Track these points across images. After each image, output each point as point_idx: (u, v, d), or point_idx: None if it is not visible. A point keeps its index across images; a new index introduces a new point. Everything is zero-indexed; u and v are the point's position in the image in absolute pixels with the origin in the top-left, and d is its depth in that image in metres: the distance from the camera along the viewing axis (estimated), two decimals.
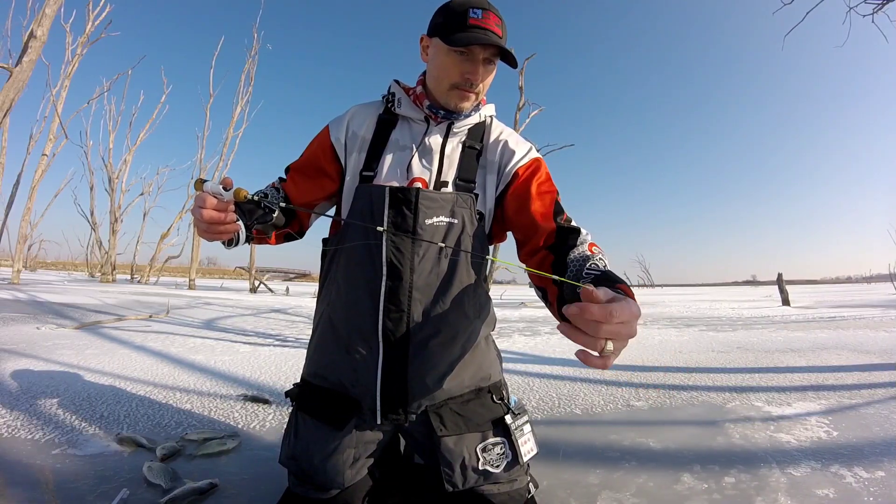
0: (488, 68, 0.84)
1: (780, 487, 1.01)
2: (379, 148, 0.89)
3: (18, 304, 4.66)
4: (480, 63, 0.82)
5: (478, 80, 0.83)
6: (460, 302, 0.82)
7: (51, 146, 9.44)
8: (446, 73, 0.83)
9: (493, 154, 0.91)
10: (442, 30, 0.82)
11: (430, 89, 0.88)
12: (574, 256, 0.74)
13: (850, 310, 5.93)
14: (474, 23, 0.79)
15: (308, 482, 0.82)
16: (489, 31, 0.79)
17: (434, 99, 0.88)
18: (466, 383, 0.85)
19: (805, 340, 3.20)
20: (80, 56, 9.70)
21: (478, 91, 0.86)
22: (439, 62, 0.84)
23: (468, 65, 0.82)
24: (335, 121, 0.93)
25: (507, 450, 0.82)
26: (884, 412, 1.54)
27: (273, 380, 1.93)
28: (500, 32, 0.81)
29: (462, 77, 0.83)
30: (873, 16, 2.98)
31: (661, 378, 2.09)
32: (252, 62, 12.76)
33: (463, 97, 0.85)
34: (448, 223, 0.82)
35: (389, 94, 0.93)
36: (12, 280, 8.47)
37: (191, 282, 11.16)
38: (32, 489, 0.95)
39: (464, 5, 0.80)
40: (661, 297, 12.61)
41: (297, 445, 0.84)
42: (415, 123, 0.90)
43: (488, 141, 0.92)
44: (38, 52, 3.74)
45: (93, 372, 1.94)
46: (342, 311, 0.84)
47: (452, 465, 0.79)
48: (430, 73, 0.88)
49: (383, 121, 0.91)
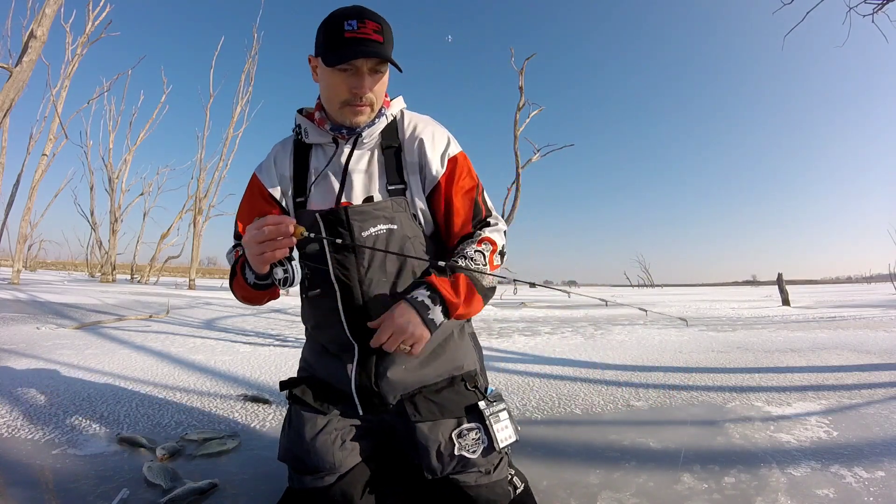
0: (376, 77, 0.83)
1: (780, 487, 1.01)
2: (303, 179, 0.92)
3: (18, 304, 4.66)
4: (366, 75, 0.81)
5: (366, 92, 0.82)
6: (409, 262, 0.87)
7: (51, 146, 9.43)
8: (335, 92, 0.83)
9: (412, 154, 0.91)
10: (322, 49, 0.81)
11: (327, 110, 0.88)
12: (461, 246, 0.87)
13: (850, 310, 5.93)
14: (350, 35, 0.78)
15: (303, 469, 0.84)
16: (367, 39, 0.78)
17: (333, 119, 0.88)
18: (439, 372, 0.89)
19: (805, 340, 3.20)
20: (80, 56, 9.69)
21: (371, 102, 0.85)
22: (326, 82, 0.84)
23: (353, 79, 0.81)
24: (263, 170, 0.95)
25: (483, 436, 0.83)
26: (884, 412, 1.54)
27: (273, 380, 1.93)
28: (381, 38, 0.80)
29: (350, 93, 0.82)
30: (873, 16, 2.98)
31: (661, 378, 2.09)
32: (252, 62, 12.71)
33: (356, 112, 0.84)
34: (388, 229, 0.85)
35: (297, 126, 0.93)
36: (12, 280, 8.47)
37: (191, 282, 11.15)
38: (32, 489, 0.96)
39: (339, 18, 0.79)
40: (662, 297, 12.61)
41: (290, 433, 0.88)
42: (326, 147, 0.92)
43: (404, 137, 0.92)
44: (38, 52, 3.74)
45: (93, 372, 1.94)
46: (315, 328, 0.93)
47: (429, 450, 0.80)
48: (322, 94, 0.88)
49: (299, 153, 0.93)
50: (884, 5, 2.93)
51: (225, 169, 12.48)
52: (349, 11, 0.80)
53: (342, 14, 0.80)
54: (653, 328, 4.15)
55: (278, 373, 2.06)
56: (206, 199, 12.07)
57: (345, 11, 0.80)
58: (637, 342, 3.23)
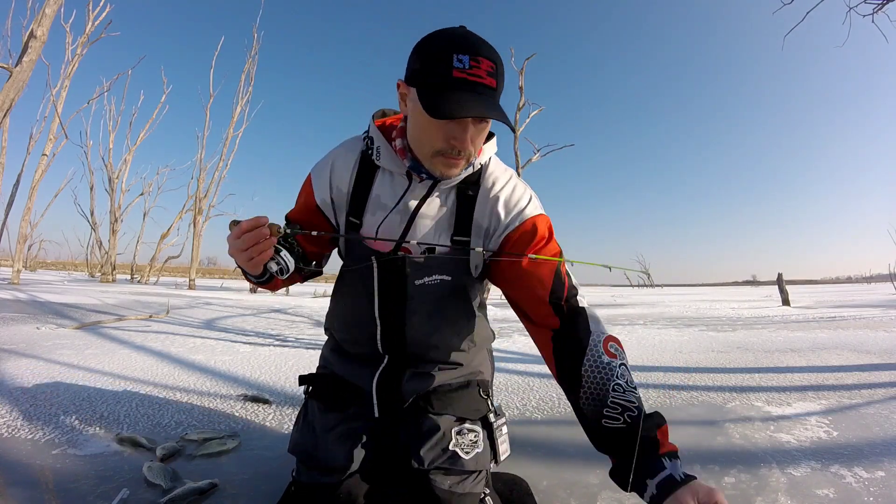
0: (480, 127, 0.71)
1: (780, 487, 1.01)
2: (361, 201, 0.83)
3: (18, 304, 4.66)
4: (470, 125, 0.68)
5: (467, 147, 0.70)
6: (456, 328, 0.88)
7: (51, 146, 9.42)
8: (428, 138, 0.71)
9: (482, 215, 0.81)
10: (421, 82, 0.68)
11: (411, 145, 0.77)
12: (589, 369, 0.66)
13: (850, 310, 5.93)
14: (460, 76, 0.64)
15: (312, 463, 0.84)
16: (479, 83, 0.64)
17: (416, 158, 0.76)
18: (457, 376, 0.90)
19: (805, 340, 3.20)
20: (80, 56, 9.68)
21: (468, 156, 0.73)
22: (419, 123, 0.71)
23: (454, 129, 0.68)
24: (318, 173, 0.86)
25: (480, 441, 0.84)
26: (884, 412, 1.54)
27: (273, 380, 1.93)
28: (495, 82, 0.66)
29: (447, 143, 0.70)
30: (873, 16, 2.98)
31: (661, 378, 2.09)
32: (252, 62, 12.73)
33: (449, 165, 0.73)
34: (441, 280, 0.82)
35: (368, 138, 0.83)
36: (12, 280, 8.46)
37: (191, 282, 11.16)
38: (32, 489, 0.95)
39: (446, 48, 0.65)
40: (662, 296, 12.61)
41: (303, 428, 0.89)
42: (397, 176, 0.82)
43: (481, 190, 0.81)
44: (38, 52, 3.74)
45: (93, 372, 1.94)
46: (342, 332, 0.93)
47: (426, 439, 0.81)
48: (411, 133, 0.75)
49: (364, 170, 0.83)
50: (884, 5, 2.93)
51: (225, 169, 12.51)
52: (460, 41, 0.65)
53: (451, 43, 0.65)
54: (653, 328, 4.15)
55: (278, 373, 2.06)
56: (206, 199, 12.09)
57: (454, 39, 0.65)
58: (637, 342, 3.23)
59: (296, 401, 1.64)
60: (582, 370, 0.67)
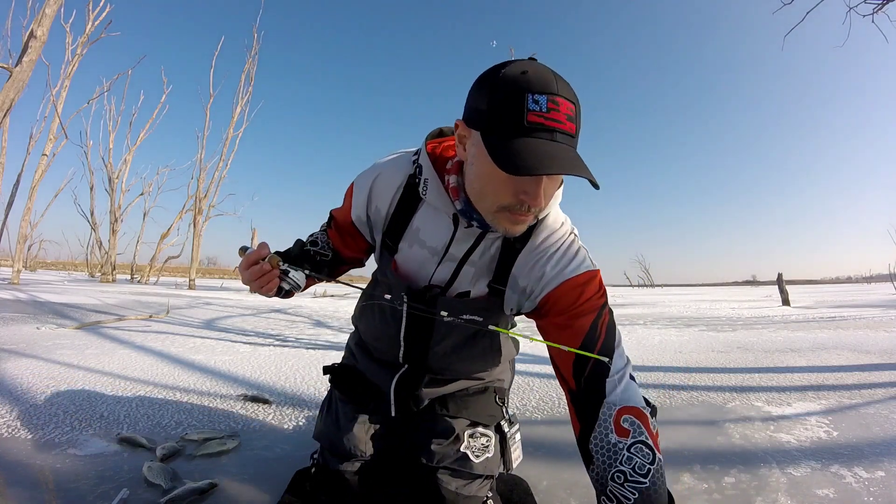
0: (555, 180, 0.62)
1: (780, 487, 1.01)
2: (399, 228, 0.78)
3: (18, 304, 4.66)
4: (544, 179, 0.59)
5: (540, 204, 0.60)
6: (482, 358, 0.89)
7: (51, 146, 9.42)
8: (494, 192, 0.61)
9: (521, 271, 0.73)
10: (486, 125, 0.57)
11: (469, 195, 0.66)
12: (595, 447, 0.62)
13: (850, 310, 5.93)
14: (535, 119, 0.54)
15: (336, 451, 0.88)
16: (558, 131, 0.55)
17: (471, 204, 0.67)
18: (475, 383, 0.92)
19: (805, 340, 3.20)
20: (80, 56, 9.68)
21: (538, 213, 0.66)
22: (484, 173, 0.60)
23: (528, 184, 0.59)
24: (359, 186, 0.81)
25: (492, 447, 0.85)
26: (884, 412, 1.54)
27: (273, 380, 1.93)
28: (574, 127, 0.57)
29: (516, 198, 0.59)
30: (873, 16, 2.99)
31: (661, 378, 2.09)
32: (252, 62, 12.73)
33: (516, 221, 0.63)
34: (471, 318, 0.78)
35: (417, 166, 0.74)
36: (12, 280, 8.46)
37: (191, 282, 11.15)
38: (32, 489, 0.95)
39: (519, 86, 0.54)
40: (662, 297, 12.61)
41: (328, 418, 0.92)
42: (441, 214, 0.74)
43: (527, 245, 0.73)
44: (38, 52, 3.74)
45: (93, 372, 1.94)
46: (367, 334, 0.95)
47: (440, 438, 0.83)
48: (473, 183, 0.64)
49: (408, 197, 0.76)
50: (884, 5, 2.93)
51: (225, 169, 12.50)
52: (536, 78, 0.55)
53: (526, 80, 0.54)
54: (653, 328, 4.15)
55: (278, 373, 2.06)
56: (206, 199, 12.08)
57: (530, 77, 0.55)
58: (637, 342, 3.23)
59: (296, 401, 1.64)
60: (590, 447, 0.64)
